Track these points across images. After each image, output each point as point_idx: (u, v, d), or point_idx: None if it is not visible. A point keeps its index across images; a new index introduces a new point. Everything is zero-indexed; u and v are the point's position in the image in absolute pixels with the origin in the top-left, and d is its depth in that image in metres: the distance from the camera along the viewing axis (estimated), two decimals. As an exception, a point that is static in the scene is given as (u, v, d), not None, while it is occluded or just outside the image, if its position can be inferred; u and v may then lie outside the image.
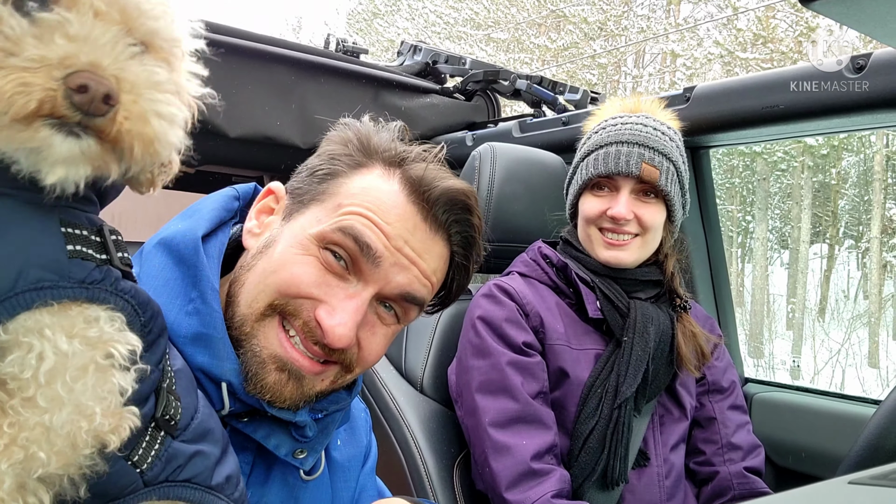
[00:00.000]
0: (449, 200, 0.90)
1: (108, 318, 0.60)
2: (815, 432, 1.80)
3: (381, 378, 1.78)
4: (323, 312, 0.84)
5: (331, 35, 2.56)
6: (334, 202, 0.89)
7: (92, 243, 0.60)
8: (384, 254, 0.86)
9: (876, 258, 11.20)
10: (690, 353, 1.57)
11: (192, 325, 0.83)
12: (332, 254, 0.86)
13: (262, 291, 0.86)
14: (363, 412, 1.15)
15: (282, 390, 0.84)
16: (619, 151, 1.53)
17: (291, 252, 0.86)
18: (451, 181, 0.91)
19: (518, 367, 1.48)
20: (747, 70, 11.61)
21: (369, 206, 0.87)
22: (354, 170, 0.91)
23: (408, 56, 2.80)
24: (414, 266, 0.88)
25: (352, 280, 0.86)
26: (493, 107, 2.72)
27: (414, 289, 0.89)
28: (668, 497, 1.53)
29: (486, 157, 1.83)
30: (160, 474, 0.66)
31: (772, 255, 14.05)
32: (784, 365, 10.50)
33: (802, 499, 0.49)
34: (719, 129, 1.75)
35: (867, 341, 10.76)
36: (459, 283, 0.98)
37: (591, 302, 1.56)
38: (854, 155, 13.38)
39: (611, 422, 1.45)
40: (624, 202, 1.53)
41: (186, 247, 0.87)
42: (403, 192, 0.89)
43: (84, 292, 0.58)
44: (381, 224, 0.86)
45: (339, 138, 0.94)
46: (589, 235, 1.60)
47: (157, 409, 0.67)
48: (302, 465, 0.90)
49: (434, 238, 0.91)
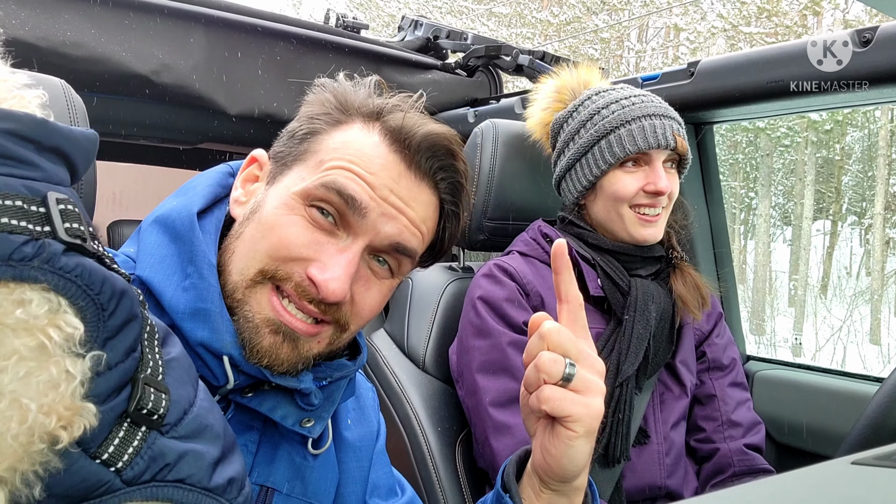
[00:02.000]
0: (431, 146, 0.89)
1: (43, 299, 0.53)
2: (817, 410, 1.80)
3: (384, 356, 1.79)
4: (315, 270, 0.83)
5: (331, 10, 2.53)
6: (316, 159, 0.89)
7: (29, 214, 0.54)
8: (370, 204, 0.85)
9: (879, 234, 11.17)
10: (693, 300, 1.57)
11: (189, 300, 0.83)
12: (319, 210, 0.86)
13: (252, 258, 0.86)
14: (371, 392, 1.15)
15: (277, 353, 0.84)
16: (653, 125, 1.50)
17: (277, 214, 0.86)
18: (431, 126, 0.91)
19: (519, 347, 1.47)
20: (751, 44, 11.51)
21: (351, 158, 0.87)
22: (334, 127, 0.91)
23: (409, 31, 2.77)
24: (402, 215, 0.88)
25: (341, 235, 0.86)
26: (495, 83, 2.69)
27: (404, 238, 0.88)
28: (668, 474, 1.53)
29: (488, 133, 1.82)
30: (143, 473, 0.61)
31: (774, 231, 14.02)
32: (786, 342, 10.52)
33: (805, 479, 0.49)
34: (724, 104, 1.74)
35: (869, 318, 10.76)
36: (451, 231, 0.97)
37: (591, 280, 1.55)
38: (858, 130, 13.29)
39: (612, 400, 1.45)
40: (663, 175, 1.52)
41: (182, 223, 0.87)
42: (384, 142, 0.89)
43: (10, 270, 0.51)
44: (365, 175, 0.86)
45: (317, 99, 0.94)
46: (621, 215, 1.55)
47: (130, 401, 0.61)
48: (310, 432, 0.90)
49: (420, 186, 0.90)
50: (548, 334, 0.87)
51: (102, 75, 1.81)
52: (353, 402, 1.09)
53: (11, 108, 0.57)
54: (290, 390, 0.88)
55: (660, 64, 14.38)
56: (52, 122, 0.59)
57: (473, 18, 16.10)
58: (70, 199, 0.58)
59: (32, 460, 0.53)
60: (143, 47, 1.81)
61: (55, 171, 0.59)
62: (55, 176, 0.59)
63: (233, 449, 0.74)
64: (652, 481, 1.52)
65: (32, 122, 0.57)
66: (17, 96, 0.60)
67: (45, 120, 0.59)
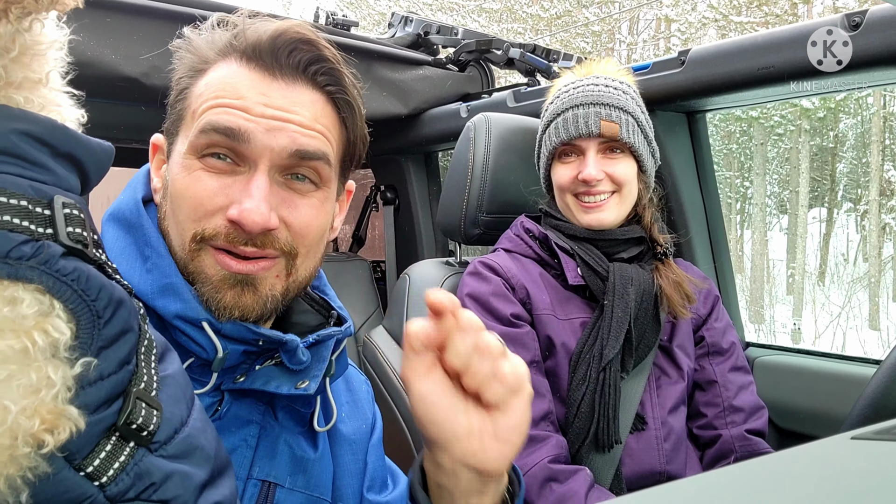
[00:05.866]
0: (286, 44, 0.87)
1: (35, 300, 0.52)
2: (818, 394, 1.80)
3: (383, 353, 1.79)
4: (232, 210, 0.84)
5: (320, 9, 2.53)
6: (190, 112, 0.89)
7: (32, 215, 0.53)
8: (249, 126, 0.84)
9: (875, 220, 11.19)
10: (677, 298, 1.59)
11: (154, 279, 0.84)
12: (213, 157, 0.86)
13: (182, 230, 0.87)
14: (364, 384, 1.15)
15: (242, 301, 0.85)
16: (576, 115, 1.57)
17: (179, 178, 0.87)
18: (276, 25, 0.88)
19: (508, 339, 1.49)
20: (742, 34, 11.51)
21: (216, 94, 0.86)
22: (198, 77, 0.90)
23: (399, 28, 2.77)
24: (287, 123, 0.86)
25: (242, 168, 0.86)
26: (486, 77, 2.69)
27: (301, 143, 0.87)
28: (667, 461, 1.54)
29: (480, 127, 1.82)
30: (128, 491, 0.59)
31: (771, 220, 14.04)
32: (785, 329, 10.54)
33: (806, 455, 0.49)
34: (715, 91, 1.74)
35: (867, 303, 10.78)
36: (352, 119, 0.95)
37: (570, 269, 1.59)
38: (851, 117, 13.31)
39: (597, 384, 1.48)
40: (592, 163, 1.56)
41: (130, 212, 0.89)
42: (242, 65, 0.88)
43: (5, 268, 0.50)
44: (234, 102, 0.85)
45: (179, 63, 0.94)
46: (567, 204, 1.63)
47: (120, 415, 0.59)
48: (306, 390, 0.89)
49: (294, 88, 0.88)
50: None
51: (92, 79, 1.80)
52: (347, 395, 1.08)
53: (35, 112, 0.57)
54: (279, 363, 0.89)
55: (651, 56, 14.38)
56: (70, 130, 0.59)
57: (464, 14, 16.07)
58: (77, 205, 0.57)
59: (18, 465, 0.52)
60: (133, 50, 1.81)
61: (66, 177, 0.58)
62: (66, 182, 0.58)
63: (224, 472, 0.72)
64: (651, 467, 1.52)
65: (51, 126, 0.57)
66: (55, 110, 0.60)
67: (64, 126, 0.58)
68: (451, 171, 1.87)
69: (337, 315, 1.02)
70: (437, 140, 2.53)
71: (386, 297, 2.83)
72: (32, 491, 0.53)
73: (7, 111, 0.55)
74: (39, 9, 0.53)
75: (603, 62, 1.69)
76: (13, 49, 0.55)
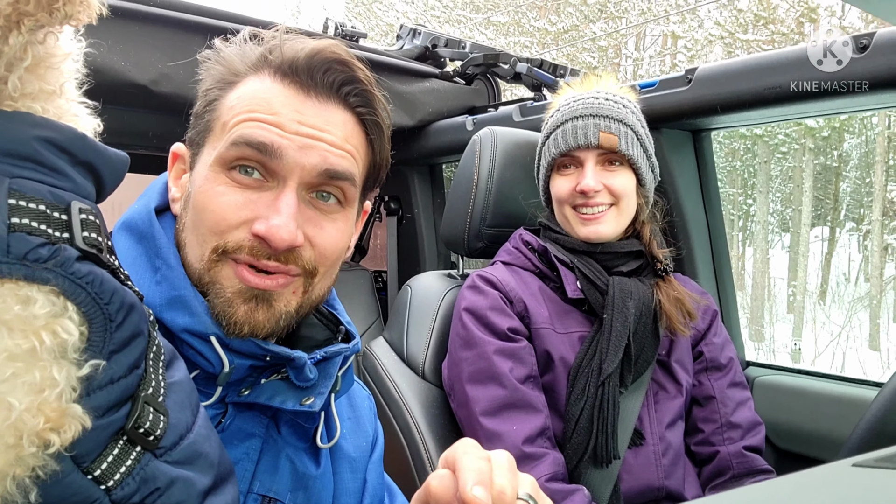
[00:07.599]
0: (321, 63, 0.87)
1: (48, 301, 0.53)
2: (817, 415, 1.80)
3: (383, 364, 1.78)
4: (258, 225, 0.83)
5: (329, 19, 2.54)
6: (220, 124, 0.88)
7: (50, 219, 0.54)
8: (283, 143, 0.84)
9: (877, 240, 11.19)
10: (677, 315, 1.58)
11: (164, 291, 0.83)
12: (241, 171, 0.85)
13: (201, 242, 0.86)
14: (367, 399, 1.14)
15: (255, 317, 0.84)
16: (575, 126, 1.57)
17: (204, 190, 0.86)
18: (314, 44, 0.88)
19: (505, 354, 1.49)
20: (748, 51, 11.55)
21: (249, 108, 0.86)
22: (228, 90, 0.90)
23: (407, 40, 2.78)
24: (319, 142, 0.86)
25: (270, 184, 0.85)
26: (493, 91, 2.70)
27: (331, 163, 0.86)
28: (665, 476, 1.53)
29: (486, 141, 1.82)
30: (133, 495, 0.59)
31: (773, 238, 14.03)
32: (785, 348, 10.51)
33: (806, 481, 0.49)
34: (721, 110, 1.74)
35: (868, 324, 10.76)
36: (380, 140, 0.95)
37: (570, 283, 1.58)
38: (855, 137, 13.33)
39: (596, 399, 1.47)
40: (591, 174, 1.56)
41: (142, 222, 0.88)
42: (276, 81, 0.88)
43: (22, 269, 0.51)
44: (268, 118, 0.85)
45: (207, 74, 0.93)
46: (565, 216, 1.63)
47: (128, 418, 0.59)
48: (311, 407, 0.89)
49: (327, 107, 0.88)
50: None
51: (101, 85, 1.81)
52: (349, 411, 1.07)
53: (57, 120, 0.58)
54: (284, 377, 0.88)
55: (657, 72, 14.43)
56: (89, 139, 0.60)
57: (471, 27, 16.16)
58: (93, 211, 0.59)
59: (25, 465, 0.52)
60: (143, 57, 1.82)
61: (84, 185, 0.59)
62: (83, 189, 0.59)
63: (227, 479, 0.73)
64: (650, 483, 1.52)
65: (72, 134, 0.58)
66: (73, 121, 0.61)
67: (84, 135, 0.60)
68: (456, 183, 1.87)
69: (345, 330, 1.01)
70: (442, 152, 2.54)
71: (387, 307, 2.83)
72: (40, 493, 0.54)
73: (30, 118, 0.56)
74: (53, 22, 0.54)
75: (603, 79, 1.70)
76: (26, 59, 0.56)
